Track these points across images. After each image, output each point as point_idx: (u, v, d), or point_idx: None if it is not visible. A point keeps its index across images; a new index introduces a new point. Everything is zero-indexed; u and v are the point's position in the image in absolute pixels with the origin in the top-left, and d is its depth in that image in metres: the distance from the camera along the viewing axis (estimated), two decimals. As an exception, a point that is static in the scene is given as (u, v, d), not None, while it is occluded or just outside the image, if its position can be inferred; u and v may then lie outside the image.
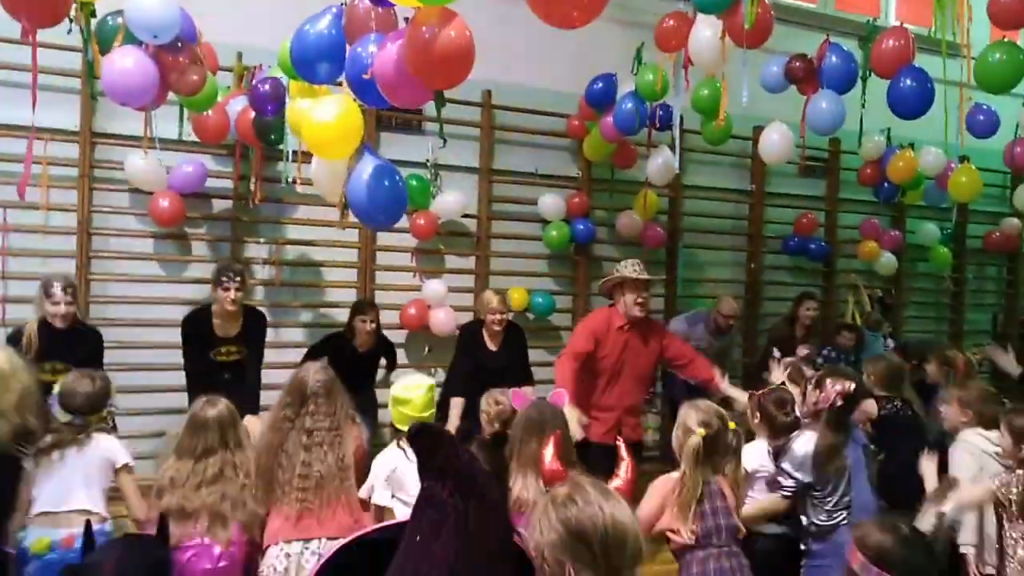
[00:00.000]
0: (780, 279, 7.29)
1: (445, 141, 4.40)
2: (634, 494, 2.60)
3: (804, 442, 3.30)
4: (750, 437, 3.34)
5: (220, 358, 4.54)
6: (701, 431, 2.71)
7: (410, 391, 3.13)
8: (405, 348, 5.95)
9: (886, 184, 6.66)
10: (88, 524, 2.21)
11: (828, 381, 3.28)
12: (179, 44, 3.50)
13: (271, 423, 3.08)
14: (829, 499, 3.24)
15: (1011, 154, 5.51)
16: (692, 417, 2.79)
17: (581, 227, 6.26)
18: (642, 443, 5.04)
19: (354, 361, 4.93)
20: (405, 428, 3.04)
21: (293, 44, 3.08)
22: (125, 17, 3.34)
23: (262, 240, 5.54)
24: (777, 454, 3.35)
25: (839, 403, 3.20)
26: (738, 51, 3.82)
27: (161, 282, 5.28)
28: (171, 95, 3.96)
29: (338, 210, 3.66)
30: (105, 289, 5.16)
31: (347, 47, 2.98)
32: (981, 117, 5.38)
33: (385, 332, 5.48)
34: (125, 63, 3.36)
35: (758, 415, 3.39)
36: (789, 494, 3.28)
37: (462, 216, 6.03)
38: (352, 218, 3.58)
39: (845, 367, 3.88)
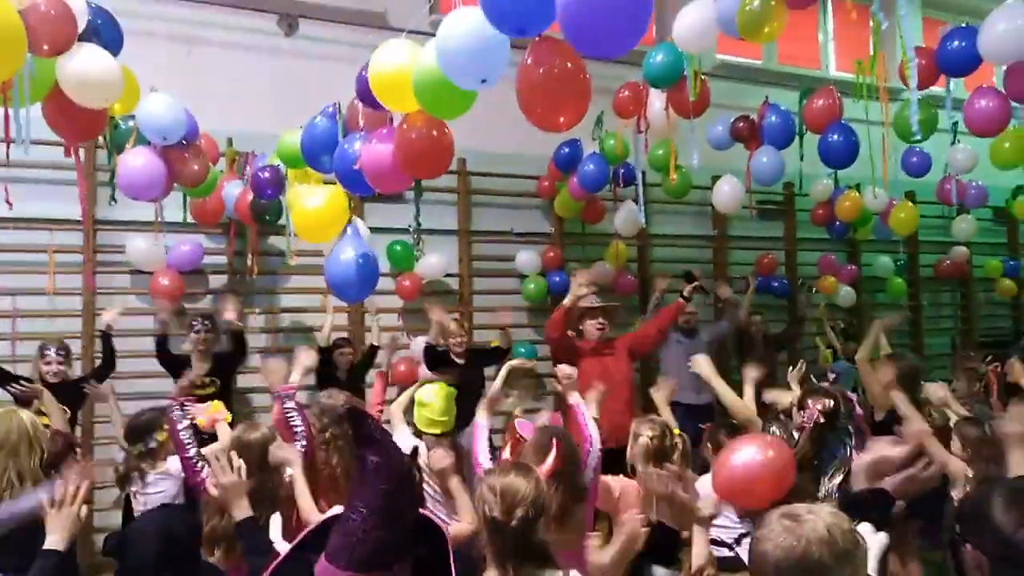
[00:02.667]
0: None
1: (420, 224, 4.87)
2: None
3: None
4: None
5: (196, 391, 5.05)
6: (648, 433, 3.23)
7: (431, 395, 3.56)
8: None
9: (837, 223, 7.15)
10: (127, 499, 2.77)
11: (810, 400, 3.53)
12: (183, 141, 3.88)
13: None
14: None
15: (942, 190, 6.01)
16: (641, 427, 3.32)
17: (557, 279, 6.66)
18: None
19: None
20: (425, 429, 3.57)
21: (303, 137, 3.48)
22: (137, 121, 3.72)
23: (257, 310, 5.86)
24: None
25: (821, 420, 3.44)
26: (684, 118, 4.30)
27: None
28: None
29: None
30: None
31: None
32: (915, 158, 5.91)
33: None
34: (136, 162, 3.73)
35: (710, 447, 3.69)
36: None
37: (445, 276, 6.41)
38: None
39: (829, 387, 3.92)
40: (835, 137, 4.49)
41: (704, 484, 3.26)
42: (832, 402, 3.50)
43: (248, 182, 4.83)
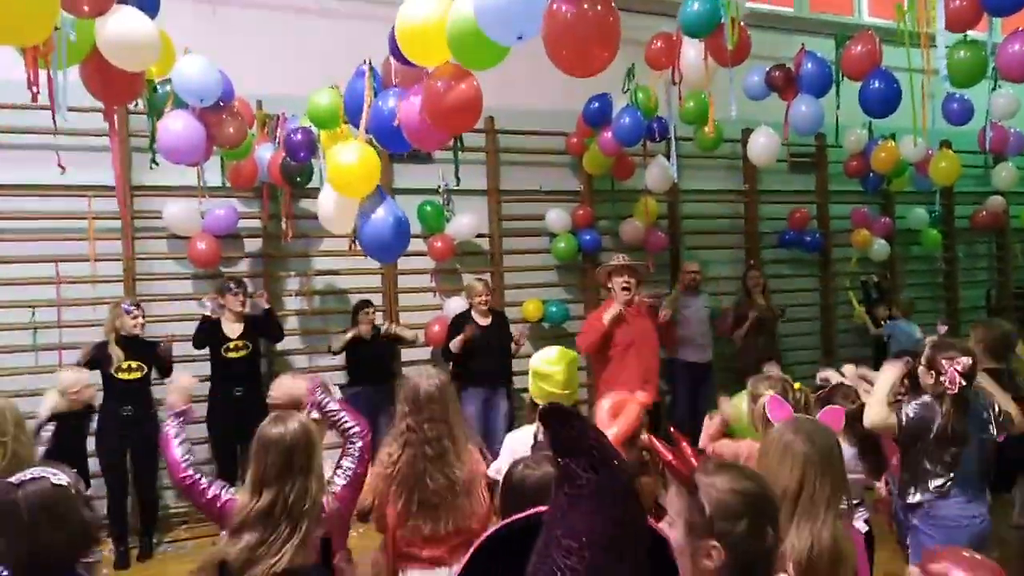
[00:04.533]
0: (779, 272, 7.65)
1: (459, 180, 4.86)
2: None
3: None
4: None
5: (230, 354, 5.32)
6: (769, 392, 2.75)
7: (551, 364, 2.89)
8: (431, 363, 6.32)
9: (871, 174, 7.02)
10: None
11: (944, 361, 3.02)
12: (220, 103, 3.89)
13: (393, 435, 2.77)
14: (942, 476, 3.06)
15: (983, 138, 5.87)
16: (759, 385, 2.87)
17: (587, 237, 6.64)
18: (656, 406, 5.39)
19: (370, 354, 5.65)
20: (543, 403, 2.78)
21: (346, 96, 3.50)
22: (173, 85, 3.73)
23: (292, 273, 5.93)
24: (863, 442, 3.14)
25: (963, 383, 2.99)
26: (724, 66, 4.22)
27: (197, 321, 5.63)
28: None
29: (348, 243, 4.08)
30: (150, 330, 5.51)
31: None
32: (955, 105, 5.75)
33: (411, 350, 5.96)
34: (176, 126, 3.75)
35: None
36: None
37: (475, 236, 6.41)
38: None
39: (950, 340, 3.38)
40: (876, 84, 4.38)
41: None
42: (969, 359, 3.02)
43: (280, 145, 4.84)
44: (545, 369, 2.90)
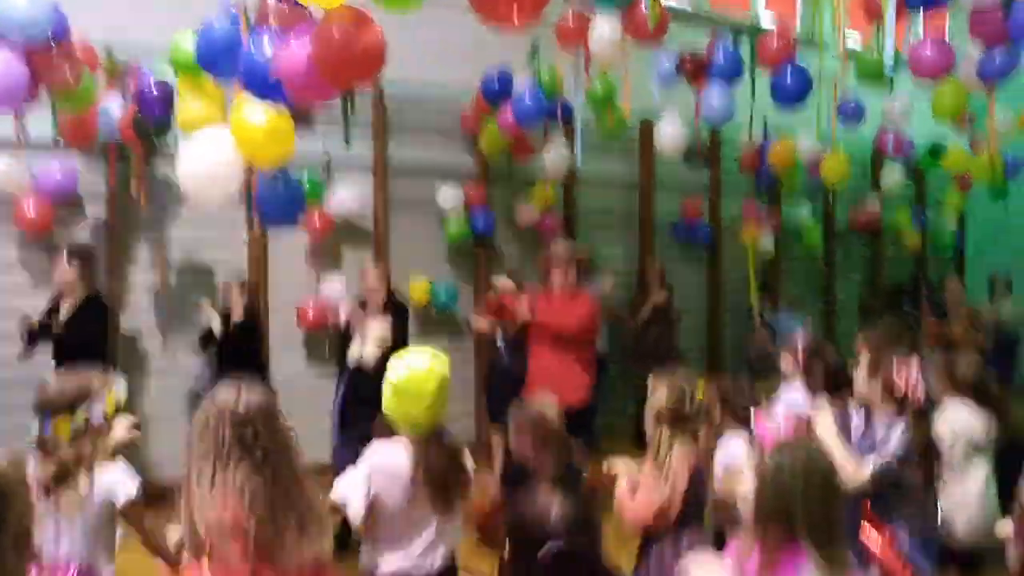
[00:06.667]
0: (670, 264, 7.53)
1: (349, 143, 4.29)
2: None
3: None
4: None
5: None
6: (663, 392, 2.71)
7: (417, 383, 2.24)
8: (305, 348, 5.78)
9: (764, 172, 7.01)
10: None
11: (895, 370, 2.65)
12: (51, 41, 3.19)
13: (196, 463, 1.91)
14: None
15: (881, 140, 5.93)
16: (658, 384, 2.75)
17: (480, 219, 6.25)
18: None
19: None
20: (406, 429, 2.31)
21: (199, 40, 2.91)
22: (-11, 12, 3.01)
23: (143, 243, 5.20)
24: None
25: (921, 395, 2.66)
26: (635, 47, 3.93)
27: (29, 293, 4.85)
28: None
29: (243, 209, 3.58)
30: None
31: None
32: (851, 106, 5.80)
33: (282, 331, 5.38)
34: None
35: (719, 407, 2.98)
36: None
37: (358, 213, 5.87)
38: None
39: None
40: (789, 76, 4.23)
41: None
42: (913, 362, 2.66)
43: (132, 99, 4.14)
44: (408, 386, 2.25)
